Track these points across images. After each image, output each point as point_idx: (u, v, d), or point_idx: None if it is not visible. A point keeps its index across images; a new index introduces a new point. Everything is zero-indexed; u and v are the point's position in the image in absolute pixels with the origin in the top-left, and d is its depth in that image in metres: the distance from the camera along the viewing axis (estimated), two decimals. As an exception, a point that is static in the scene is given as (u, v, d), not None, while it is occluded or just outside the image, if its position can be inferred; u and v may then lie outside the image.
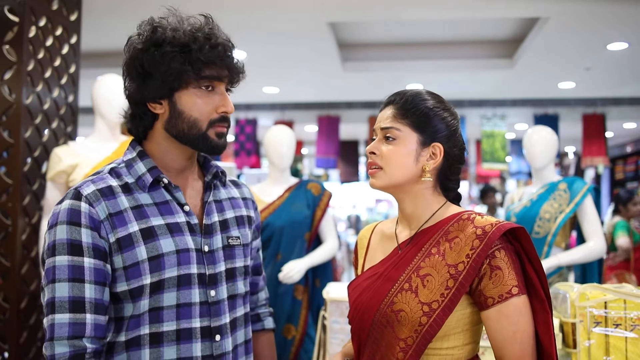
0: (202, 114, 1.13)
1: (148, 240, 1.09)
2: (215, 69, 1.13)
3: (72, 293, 1.03)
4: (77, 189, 1.09)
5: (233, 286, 1.19)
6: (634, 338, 1.52)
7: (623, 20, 4.01)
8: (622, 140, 9.65)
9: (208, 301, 1.14)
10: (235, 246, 1.22)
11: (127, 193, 1.12)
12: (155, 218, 1.12)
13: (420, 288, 1.07)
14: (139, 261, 1.08)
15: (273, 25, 4.24)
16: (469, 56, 5.25)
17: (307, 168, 10.96)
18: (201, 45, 1.10)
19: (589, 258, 2.61)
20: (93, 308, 1.04)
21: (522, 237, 1.06)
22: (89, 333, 1.04)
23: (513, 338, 1.03)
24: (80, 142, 2.53)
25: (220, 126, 1.15)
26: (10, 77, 2.53)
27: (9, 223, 2.49)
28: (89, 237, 1.06)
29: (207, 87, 1.14)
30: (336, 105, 7.02)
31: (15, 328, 2.45)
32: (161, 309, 1.09)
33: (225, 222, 1.23)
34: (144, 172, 1.14)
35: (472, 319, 1.09)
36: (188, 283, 1.12)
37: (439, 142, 1.13)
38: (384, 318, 1.09)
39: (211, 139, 1.15)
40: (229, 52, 1.15)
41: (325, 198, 2.74)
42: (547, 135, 2.79)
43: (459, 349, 1.08)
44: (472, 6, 3.91)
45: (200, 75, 1.12)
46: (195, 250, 1.14)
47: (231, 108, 1.16)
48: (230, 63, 1.15)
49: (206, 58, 1.11)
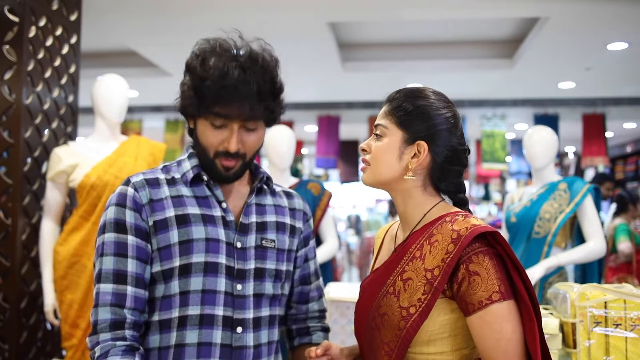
0: (210, 144, 1.18)
1: (181, 226, 1.17)
2: (225, 107, 1.13)
3: (116, 266, 1.14)
4: (129, 178, 1.21)
5: (260, 285, 1.21)
6: (634, 338, 1.52)
7: (623, 20, 4.01)
8: (622, 140, 9.65)
9: (233, 293, 1.17)
10: (268, 248, 1.24)
11: (171, 185, 1.21)
12: (192, 207, 1.19)
13: (402, 292, 1.05)
14: (171, 244, 1.16)
15: (273, 26, 4.24)
16: (469, 56, 5.25)
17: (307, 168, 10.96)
18: (213, 83, 1.11)
19: (589, 258, 2.61)
20: (134, 281, 1.14)
21: (502, 241, 1.01)
22: (130, 304, 1.13)
23: (496, 346, 0.98)
24: (80, 142, 2.53)
25: (225, 160, 1.18)
26: (10, 77, 2.53)
27: (9, 223, 2.49)
28: (132, 217, 1.16)
29: (216, 123, 1.16)
30: (336, 105, 7.01)
31: (15, 328, 2.45)
32: (188, 292, 1.15)
33: (263, 224, 1.26)
34: (188, 169, 1.23)
35: (461, 324, 1.04)
36: (215, 271, 1.16)
37: (424, 141, 1.09)
38: (373, 321, 1.09)
39: (218, 169, 1.20)
40: (244, 91, 1.12)
41: (325, 198, 2.74)
42: (547, 135, 2.79)
43: (448, 355, 1.04)
44: (472, 6, 3.92)
45: (209, 111, 1.14)
46: (226, 243, 1.19)
47: (234, 147, 1.16)
48: (242, 103, 1.13)
49: (214, 96, 1.12)
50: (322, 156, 6.94)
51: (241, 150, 1.18)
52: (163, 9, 3.89)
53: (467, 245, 1.00)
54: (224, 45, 1.16)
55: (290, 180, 2.81)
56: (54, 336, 2.72)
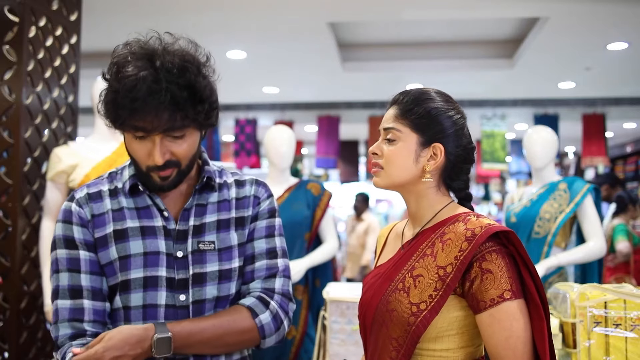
0: (138, 158, 1.14)
1: (119, 241, 1.17)
2: (140, 120, 1.07)
3: (71, 282, 1.15)
4: (73, 193, 1.22)
5: (200, 291, 1.18)
6: (634, 338, 1.52)
7: (623, 20, 4.01)
8: (622, 140, 9.65)
9: (176, 304, 1.16)
10: (206, 251, 1.20)
11: (112, 197, 1.21)
12: (132, 221, 1.18)
13: (412, 288, 1.07)
14: (112, 260, 1.16)
15: (273, 25, 4.24)
16: (469, 56, 5.25)
17: (307, 168, 10.96)
18: (124, 96, 1.04)
19: (589, 258, 2.61)
20: (90, 295, 1.15)
21: (515, 241, 1.04)
22: (88, 317, 1.14)
23: (506, 344, 1.00)
24: (80, 142, 2.53)
25: (159, 172, 1.13)
26: (10, 77, 2.53)
27: (9, 223, 2.49)
28: (79, 233, 1.17)
29: (137, 134, 1.10)
30: (336, 105, 7.01)
31: (15, 328, 2.45)
32: (129, 308, 1.16)
33: (201, 227, 1.21)
34: (126, 179, 1.22)
35: (469, 322, 1.07)
36: (155, 285, 1.16)
37: (440, 143, 1.13)
38: (380, 317, 1.10)
39: (153, 180, 1.16)
40: (156, 103, 1.04)
41: (325, 198, 2.74)
42: (547, 135, 2.79)
43: (453, 352, 1.06)
44: (472, 6, 3.92)
45: (126, 124, 1.09)
46: (166, 255, 1.17)
47: (159, 159, 1.09)
48: (157, 114, 1.05)
49: (128, 109, 1.05)
50: (322, 156, 6.94)
51: (172, 159, 1.13)
52: (163, 9, 3.89)
53: (482, 243, 1.03)
54: (138, 53, 1.08)
55: (290, 180, 2.81)
56: (54, 336, 2.71)
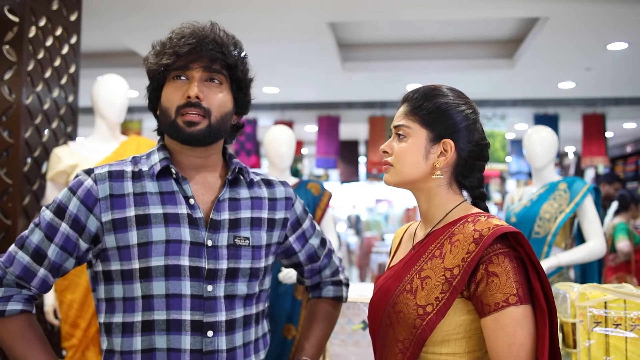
0: (171, 102, 1.16)
1: (141, 227, 1.13)
2: (183, 59, 1.15)
3: (40, 245, 1.13)
4: (93, 168, 1.18)
5: (232, 286, 1.16)
6: (634, 338, 1.52)
7: (623, 20, 4.01)
8: (622, 140, 9.65)
9: (203, 295, 1.13)
10: (242, 246, 1.19)
11: (136, 180, 1.17)
12: (155, 206, 1.14)
13: (419, 290, 1.05)
14: (130, 245, 1.12)
15: (273, 25, 4.24)
16: (469, 56, 5.25)
17: (307, 168, 10.96)
18: (169, 40, 1.15)
19: (589, 258, 2.61)
20: (49, 267, 1.14)
21: (524, 243, 1.01)
22: (35, 284, 1.14)
23: (508, 351, 0.97)
24: (80, 142, 2.53)
25: (187, 113, 1.14)
26: (10, 77, 2.53)
27: (9, 223, 2.49)
28: (75, 207, 1.13)
29: (178, 77, 1.16)
30: (336, 105, 7.01)
31: (15, 328, 2.45)
32: (152, 297, 1.12)
33: (237, 222, 1.20)
34: (156, 162, 1.18)
35: (476, 326, 1.04)
36: (177, 274, 1.12)
37: (450, 138, 1.10)
38: (388, 318, 1.09)
39: (179, 127, 1.15)
40: (198, 41, 1.14)
41: (325, 198, 2.74)
42: (547, 135, 2.79)
43: (460, 356, 1.04)
44: (472, 6, 3.92)
45: (168, 68, 1.15)
46: (191, 243, 1.14)
47: (193, 92, 1.13)
48: (198, 50, 1.14)
49: (170, 50, 1.14)
50: (322, 156, 6.94)
51: (204, 103, 1.14)
52: (163, 9, 3.89)
53: (489, 245, 1.00)
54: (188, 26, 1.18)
55: (290, 180, 2.81)
56: (53, 336, 2.71)
